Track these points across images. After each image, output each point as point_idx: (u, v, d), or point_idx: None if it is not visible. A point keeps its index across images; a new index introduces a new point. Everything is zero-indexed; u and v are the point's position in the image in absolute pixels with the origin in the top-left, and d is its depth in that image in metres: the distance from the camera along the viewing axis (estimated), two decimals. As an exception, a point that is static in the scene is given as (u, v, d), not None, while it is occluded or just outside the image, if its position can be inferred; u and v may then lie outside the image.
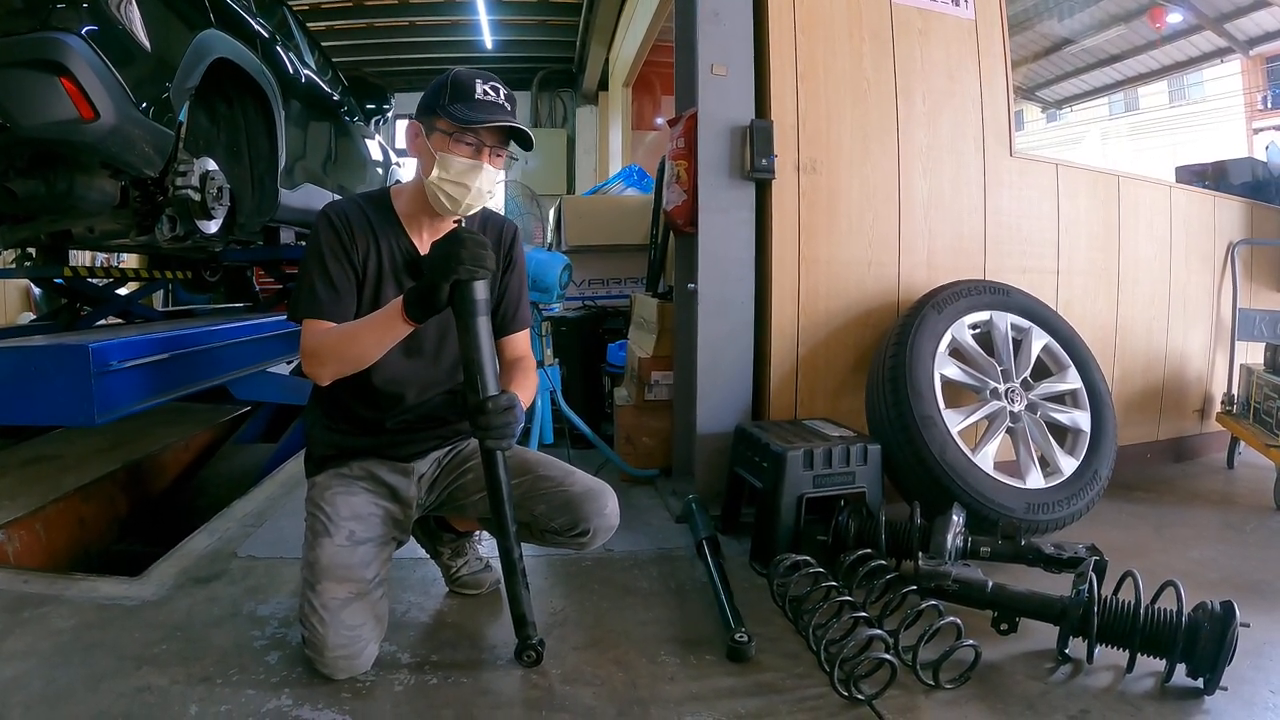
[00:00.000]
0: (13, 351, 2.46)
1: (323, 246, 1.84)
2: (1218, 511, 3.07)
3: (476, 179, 1.81)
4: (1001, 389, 2.71)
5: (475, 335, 1.71)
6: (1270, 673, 1.82)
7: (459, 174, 1.80)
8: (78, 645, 1.87)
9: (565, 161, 11.64)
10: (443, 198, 1.84)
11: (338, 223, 1.86)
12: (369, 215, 1.90)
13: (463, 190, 1.82)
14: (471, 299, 1.69)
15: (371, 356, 1.77)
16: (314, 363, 1.80)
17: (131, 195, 2.98)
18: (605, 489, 1.95)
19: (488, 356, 1.72)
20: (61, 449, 3.59)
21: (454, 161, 1.80)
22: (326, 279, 1.83)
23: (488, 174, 1.83)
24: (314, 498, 1.91)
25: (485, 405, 1.69)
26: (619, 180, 5.57)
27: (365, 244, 1.88)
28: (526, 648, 1.80)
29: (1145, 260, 3.51)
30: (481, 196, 1.85)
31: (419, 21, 9.47)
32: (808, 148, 2.88)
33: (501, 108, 1.80)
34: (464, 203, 1.84)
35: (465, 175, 1.80)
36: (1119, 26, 7.21)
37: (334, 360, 1.79)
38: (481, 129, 1.79)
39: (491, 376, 1.72)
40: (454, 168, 1.80)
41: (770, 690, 1.74)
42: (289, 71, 4.00)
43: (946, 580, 1.97)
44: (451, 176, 1.81)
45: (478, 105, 1.78)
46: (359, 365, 1.79)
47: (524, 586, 1.82)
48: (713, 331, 2.87)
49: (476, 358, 1.71)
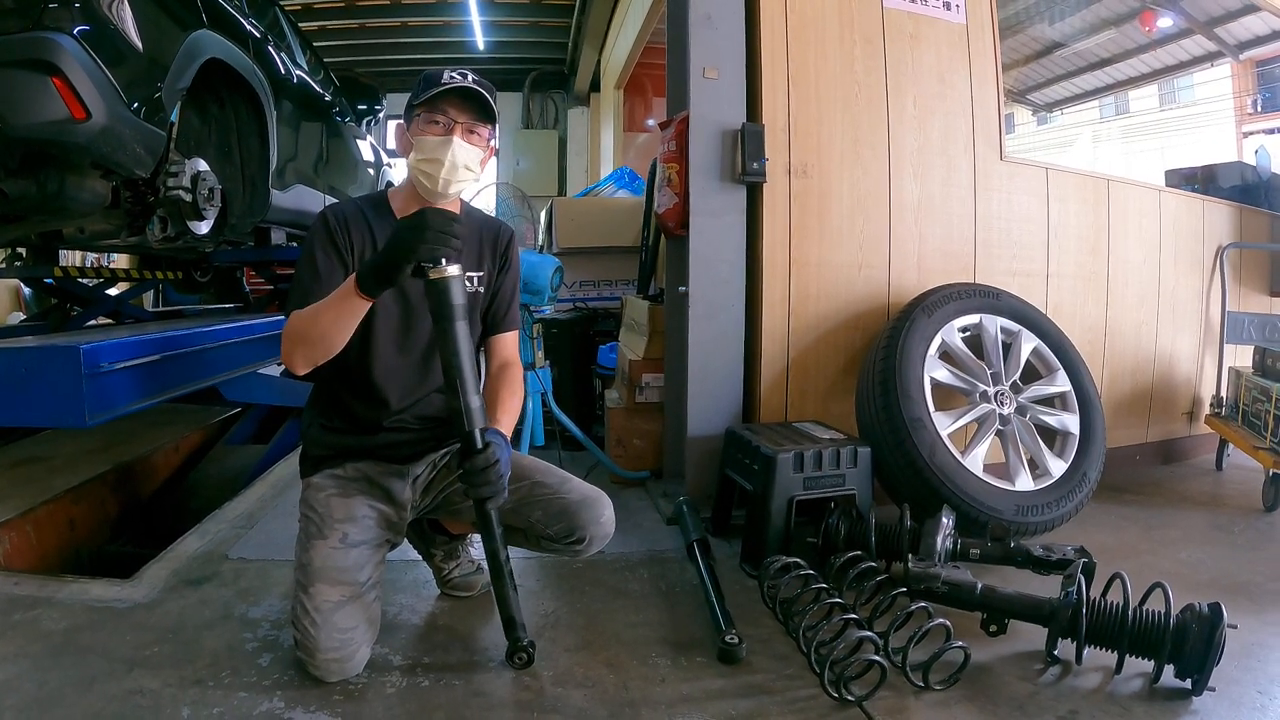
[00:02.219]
0: (3, 352, 2.45)
1: (315, 245, 1.90)
2: (1206, 513, 3.09)
3: (447, 152, 1.85)
4: (991, 392, 2.72)
5: (453, 339, 1.71)
6: (1258, 673, 1.84)
7: (430, 150, 1.86)
8: (69, 648, 1.87)
9: (556, 163, 11.63)
10: (422, 179, 1.90)
11: (333, 221, 1.92)
12: (366, 214, 1.96)
13: (436, 165, 1.86)
14: (449, 303, 1.70)
15: (334, 337, 1.76)
16: (286, 346, 1.81)
17: (123, 195, 2.97)
18: (602, 497, 1.95)
19: (467, 361, 1.73)
20: (51, 450, 3.57)
21: (425, 141, 1.87)
22: (314, 272, 1.87)
23: (460, 148, 1.86)
24: (308, 499, 1.92)
25: (474, 463, 1.71)
26: (610, 182, 5.58)
27: (361, 239, 1.92)
28: (518, 650, 1.80)
29: (1134, 264, 3.53)
30: (457, 172, 1.88)
31: (411, 22, 9.46)
32: (799, 151, 2.89)
33: (464, 87, 1.85)
34: (440, 178, 1.87)
35: (436, 150, 1.86)
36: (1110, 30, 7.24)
37: (300, 342, 1.78)
38: (444, 104, 1.85)
39: (471, 380, 1.74)
40: (425, 146, 1.87)
41: (761, 692, 1.74)
42: (281, 72, 3.99)
43: (936, 582, 1.98)
44: (424, 155, 1.87)
45: (441, 88, 1.84)
46: (326, 347, 1.77)
47: (512, 588, 1.82)
48: (703, 334, 2.88)
49: (455, 362, 1.72)
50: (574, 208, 5.19)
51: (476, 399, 1.75)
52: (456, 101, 1.87)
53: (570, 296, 4.75)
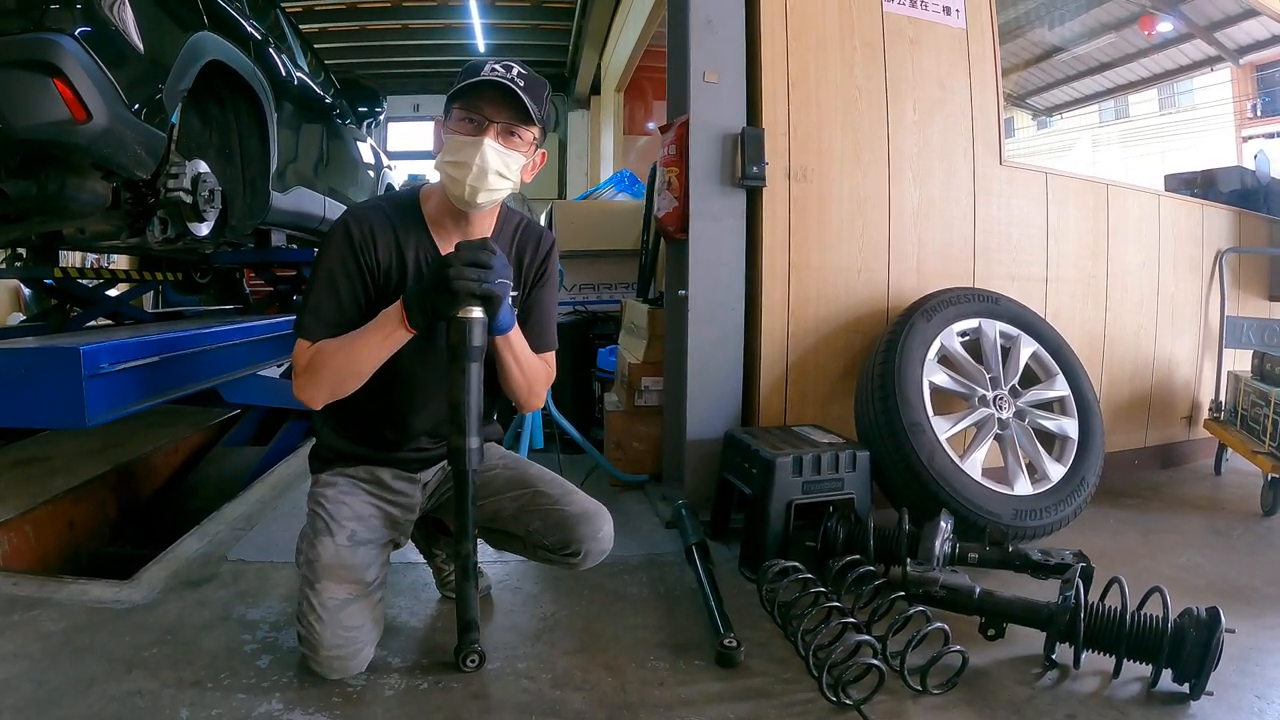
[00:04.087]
0: (3, 353, 2.45)
1: (335, 264, 1.77)
2: (1205, 517, 3.09)
3: (476, 155, 1.67)
4: (990, 396, 2.73)
5: (466, 379, 1.70)
6: (1256, 678, 1.84)
7: (456, 150, 1.70)
8: (68, 649, 1.86)
9: (557, 166, 11.65)
10: (448, 182, 1.74)
11: (356, 232, 1.77)
12: (392, 219, 1.82)
13: (462, 169, 1.69)
14: (468, 344, 1.67)
15: (370, 370, 1.72)
16: (305, 380, 1.74)
17: (123, 197, 2.97)
18: (601, 511, 1.93)
19: (475, 402, 1.71)
20: (51, 451, 3.56)
21: (453, 139, 1.71)
22: (335, 299, 1.76)
23: (491, 151, 1.68)
24: (316, 496, 1.89)
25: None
26: (610, 185, 5.58)
27: (388, 250, 1.80)
28: (469, 651, 1.79)
29: (1134, 268, 3.53)
30: (487, 179, 1.70)
31: (412, 25, 9.49)
32: (799, 155, 2.90)
33: (502, 83, 1.67)
34: (467, 184, 1.70)
35: (461, 151, 1.69)
36: (1110, 35, 7.25)
37: (329, 376, 1.73)
38: (481, 100, 1.69)
39: (475, 422, 1.73)
40: (452, 145, 1.71)
41: (759, 695, 1.75)
42: (281, 74, 3.99)
43: (934, 586, 1.99)
44: (450, 156, 1.71)
45: (479, 82, 1.68)
46: (359, 380, 1.73)
47: (475, 589, 1.80)
48: (703, 337, 2.89)
49: (465, 400, 1.70)
50: (574, 211, 5.20)
51: (476, 440, 1.73)
52: (495, 97, 1.68)
53: (570, 300, 4.76)
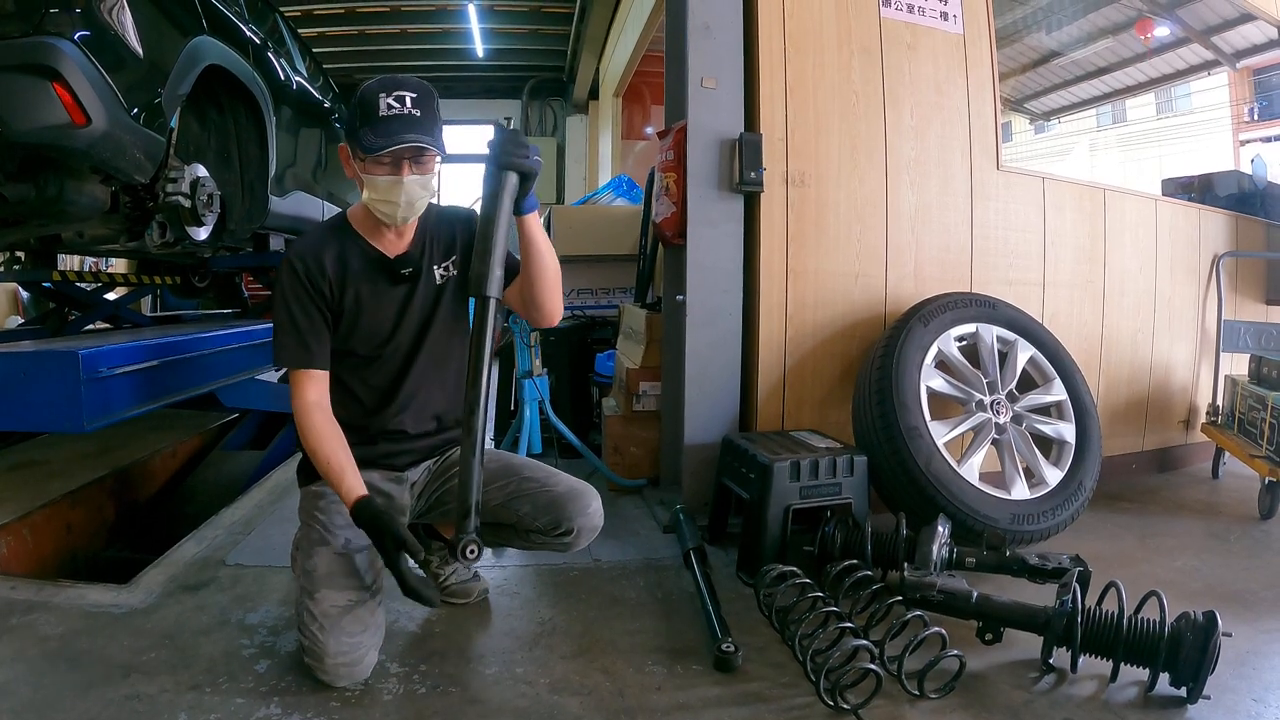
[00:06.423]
0: (1, 356, 2.45)
1: (288, 299, 1.89)
2: (1202, 521, 3.09)
3: (400, 193, 1.83)
4: (987, 401, 2.73)
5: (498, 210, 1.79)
6: (1253, 681, 1.84)
7: (384, 192, 1.83)
8: (66, 653, 1.87)
9: (555, 170, 11.65)
10: (380, 215, 1.89)
11: (300, 266, 1.90)
12: (330, 237, 1.96)
13: (392, 206, 1.85)
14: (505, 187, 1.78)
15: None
16: (302, 435, 1.86)
17: (122, 201, 2.97)
18: (588, 489, 2.00)
19: (501, 236, 1.79)
20: (49, 454, 3.57)
21: (376, 182, 1.83)
22: (295, 330, 1.89)
23: (412, 184, 1.83)
24: (308, 506, 1.93)
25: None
26: (608, 190, 5.58)
27: (334, 262, 1.92)
28: (467, 541, 1.68)
29: (1131, 273, 3.54)
30: (414, 205, 1.87)
31: (411, 29, 9.47)
32: (796, 160, 2.90)
33: (406, 120, 1.78)
34: (399, 215, 1.87)
35: (389, 192, 1.83)
36: (1107, 39, 7.27)
37: (310, 452, 1.85)
38: (389, 142, 1.78)
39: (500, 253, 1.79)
40: (378, 187, 1.83)
41: (756, 700, 1.75)
42: (280, 78, 4.00)
43: (932, 591, 1.99)
44: (379, 195, 1.85)
45: (382, 124, 1.77)
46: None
47: (480, 465, 1.72)
48: (700, 342, 2.89)
49: (492, 231, 1.78)
50: (572, 215, 5.20)
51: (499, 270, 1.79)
52: (402, 133, 1.79)
53: (568, 304, 4.75)
